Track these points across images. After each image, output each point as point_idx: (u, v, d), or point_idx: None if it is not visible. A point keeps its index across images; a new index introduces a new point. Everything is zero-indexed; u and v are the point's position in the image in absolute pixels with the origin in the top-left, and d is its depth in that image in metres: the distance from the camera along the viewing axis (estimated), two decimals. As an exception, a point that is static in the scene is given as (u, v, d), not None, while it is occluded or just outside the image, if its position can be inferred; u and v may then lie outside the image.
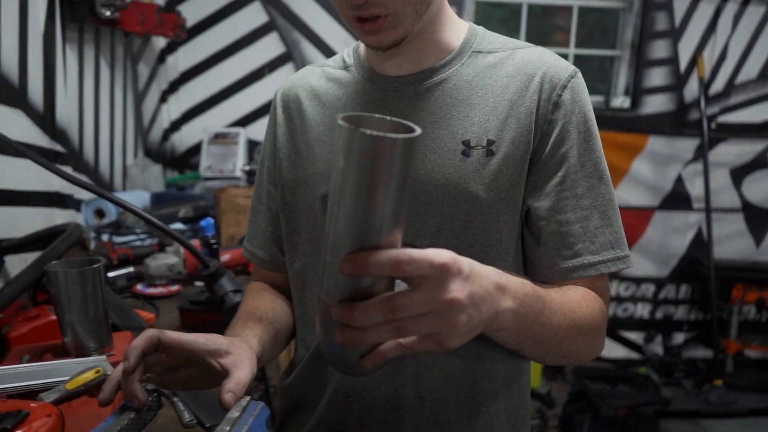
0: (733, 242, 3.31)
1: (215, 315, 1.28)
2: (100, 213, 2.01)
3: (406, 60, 0.85)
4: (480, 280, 0.57)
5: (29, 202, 1.68)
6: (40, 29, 1.71)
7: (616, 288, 3.35)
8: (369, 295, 0.51)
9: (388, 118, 0.54)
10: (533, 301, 0.67)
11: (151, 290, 1.50)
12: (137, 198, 2.15)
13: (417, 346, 0.55)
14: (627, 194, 3.21)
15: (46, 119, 1.76)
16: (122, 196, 2.10)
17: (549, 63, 0.82)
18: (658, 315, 3.40)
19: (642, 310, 3.40)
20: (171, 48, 2.84)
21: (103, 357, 1.01)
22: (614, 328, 3.43)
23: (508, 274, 0.64)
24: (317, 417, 0.92)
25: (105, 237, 1.83)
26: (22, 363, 1.01)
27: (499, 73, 0.83)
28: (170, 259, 1.52)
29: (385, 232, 0.50)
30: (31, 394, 0.90)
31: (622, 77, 3.20)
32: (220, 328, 1.30)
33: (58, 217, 1.84)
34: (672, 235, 3.29)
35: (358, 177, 0.47)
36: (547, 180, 0.80)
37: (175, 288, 1.53)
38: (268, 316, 0.92)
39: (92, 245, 1.82)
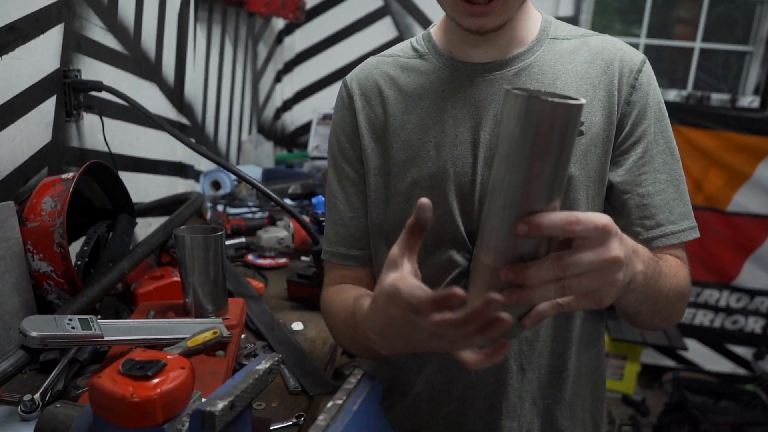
0: None
1: (320, 289, 1.34)
2: (216, 184, 2.14)
3: (491, 47, 0.88)
4: (628, 242, 0.61)
5: (156, 170, 1.81)
6: (176, 9, 1.83)
7: (726, 298, 3.16)
8: (536, 257, 0.55)
9: (543, 90, 0.57)
10: (654, 265, 0.72)
11: (261, 261, 1.59)
12: (250, 172, 2.26)
13: (574, 304, 0.58)
14: (747, 200, 3.01)
15: (175, 93, 1.88)
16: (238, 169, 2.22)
17: (623, 50, 0.89)
18: (772, 331, 3.18)
19: (754, 325, 3.18)
20: (289, 29, 2.94)
21: (219, 320, 1.08)
22: (721, 340, 3.23)
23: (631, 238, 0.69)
24: (418, 390, 0.95)
25: (220, 207, 1.94)
26: (149, 318, 1.10)
27: (577, 58, 0.88)
28: (280, 232, 1.60)
29: (554, 197, 0.53)
30: (156, 346, 0.98)
31: (753, 75, 2.98)
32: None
33: (179, 185, 1.98)
34: (795, 247, 3.05)
35: (535, 143, 0.50)
36: (628, 156, 0.86)
37: (283, 261, 1.60)
38: None
39: (209, 214, 1.94)
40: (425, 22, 2.89)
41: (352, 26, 2.95)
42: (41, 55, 1.25)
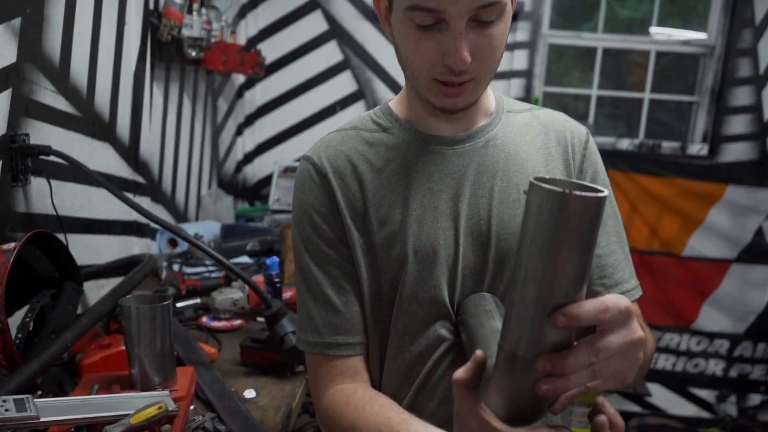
0: (818, 301, 3.10)
1: (274, 354, 1.32)
2: (173, 242, 2.10)
3: (458, 122, 0.90)
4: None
5: (110, 230, 1.78)
6: (131, 69, 1.83)
7: (687, 342, 3.20)
8: (568, 345, 0.56)
9: (562, 179, 0.59)
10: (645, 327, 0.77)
11: (216, 323, 1.56)
12: (209, 228, 2.24)
13: (601, 386, 0.58)
14: (702, 245, 3.08)
15: (131, 152, 1.87)
16: (195, 226, 2.20)
17: (570, 122, 0.96)
18: (732, 373, 3.22)
19: (715, 367, 3.22)
20: (249, 83, 2.97)
21: (166, 392, 1.05)
22: (684, 384, 3.26)
23: None
24: None
25: (176, 266, 1.91)
26: (92, 393, 1.06)
27: (532, 130, 0.93)
28: (235, 293, 1.58)
29: (584, 284, 0.55)
30: (97, 425, 0.95)
31: (701, 123, 3.09)
32: (278, 367, 1.34)
33: (134, 245, 1.95)
34: (750, 289, 3.12)
35: (570, 236, 0.52)
36: None
37: (238, 322, 1.58)
38: None
39: (164, 274, 1.91)
40: (384, 77, 2.95)
41: (313, 80, 2.99)
42: (-14, 122, 1.23)
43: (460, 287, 0.86)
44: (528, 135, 0.92)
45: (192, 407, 1.14)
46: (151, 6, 1.93)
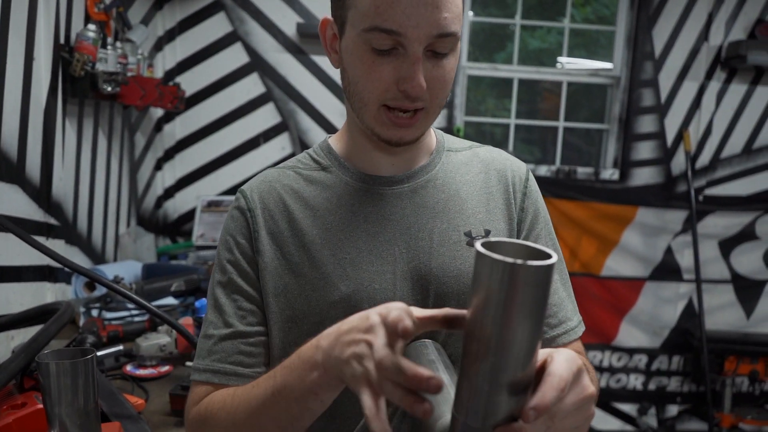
0: (724, 314, 3.31)
1: (206, 402, 1.26)
2: (90, 286, 1.99)
3: (398, 159, 0.90)
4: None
5: (20, 277, 1.66)
6: (41, 106, 1.74)
7: (609, 358, 3.33)
8: (521, 410, 0.55)
9: (507, 240, 0.57)
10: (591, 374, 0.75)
11: (141, 371, 1.48)
12: (129, 269, 2.14)
13: None
14: (617, 265, 3.23)
15: (42, 194, 1.76)
16: (114, 267, 2.09)
17: (510, 160, 0.96)
18: (651, 386, 3.36)
19: (635, 381, 3.36)
20: (168, 117, 2.88)
21: (91, 453, 0.98)
22: (608, 399, 3.38)
23: None
24: None
25: (95, 312, 1.80)
26: (6, 459, 0.98)
27: (472, 169, 0.93)
28: (162, 338, 1.50)
29: (537, 350, 0.54)
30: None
31: (611, 150, 3.27)
32: (211, 415, 1.27)
33: (48, 291, 1.83)
34: (663, 305, 3.29)
35: (524, 306, 0.51)
36: None
37: (165, 369, 1.50)
38: None
39: (82, 320, 1.80)
40: (308, 108, 2.94)
41: (235, 112, 2.94)
42: None
43: None
44: (468, 174, 0.92)
45: (119, 467, 1.07)
46: (62, 40, 1.84)
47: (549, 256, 0.52)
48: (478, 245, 0.52)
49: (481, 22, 3.26)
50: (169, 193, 2.96)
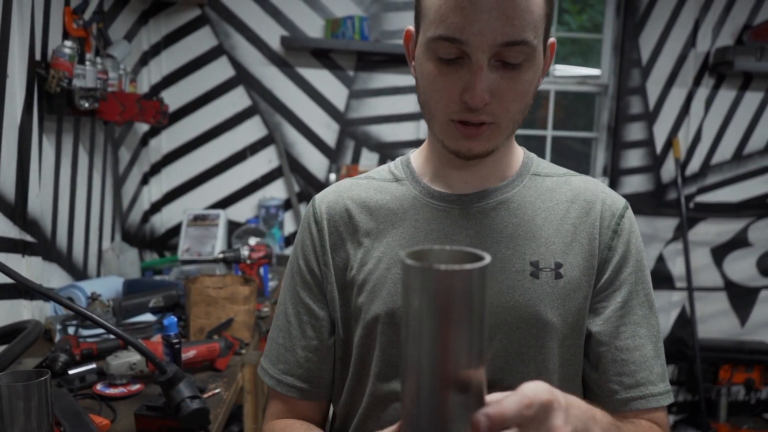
0: (717, 322, 3.28)
1: (172, 422, 1.24)
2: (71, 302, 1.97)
3: (471, 177, 0.86)
4: (577, 412, 0.58)
5: (-7, 295, 1.65)
6: (16, 123, 1.73)
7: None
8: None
9: (448, 247, 0.54)
10: (615, 429, 0.67)
11: (111, 390, 1.46)
12: (110, 285, 2.12)
13: None
14: (609, 273, 3.21)
15: (17, 211, 1.75)
16: (95, 283, 2.08)
17: (606, 193, 0.87)
18: (646, 397, 3.33)
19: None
20: (154, 131, 2.88)
21: (44, 478, 0.96)
22: (602, 410, 3.34)
23: (589, 404, 0.64)
24: None
25: (71, 330, 1.79)
26: (-43, 484, 0.96)
27: (558, 197, 0.85)
28: (132, 357, 1.49)
29: (474, 365, 0.50)
30: None
31: (600, 158, 3.25)
32: (177, 435, 1.26)
33: (24, 308, 1.82)
34: (656, 314, 3.26)
35: (438, 314, 0.47)
36: (607, 305, 0.81)
37: (136, 387, 1.48)
38: None
39: (57, 337, 1.78)
40: (294, 120, 2.94)
41: (222, 125, 2.94)
42: None
43: None
44: (551, 201, 0.85)
45: (76, 490, 1.06)
46: (38, 57, 1.84)
47: (478, 258, 0.49)
48: (401, 252, 0.50)
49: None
50: (156, 207, 2.96)
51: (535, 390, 0.51)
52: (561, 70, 3.30)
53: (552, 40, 0.82)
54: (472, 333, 0.49)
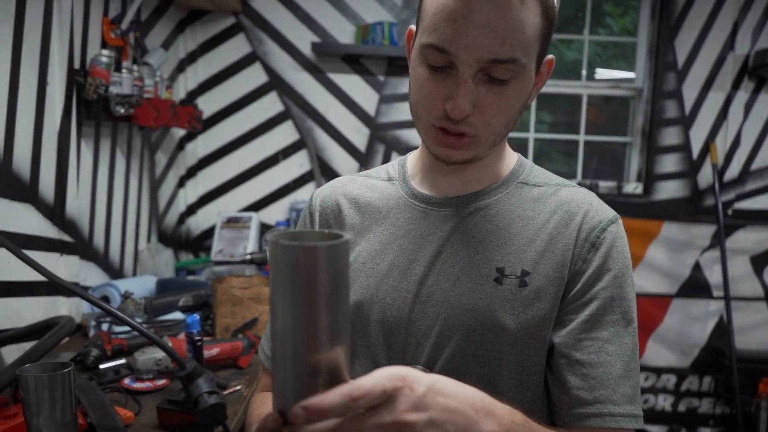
0: (757, 332, 3.18)
1: (191, 416, 1.29)
2: (105, 300, 2.06)
3: (456, 181, 0.88)
4: (445, 400, 0.55)
5: (32, 292, 1.73)
6: (55, 128, 1.82)
7: (635, 377, 3.23)
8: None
9: (327, 231, 0.55)
10: (523, 431, 0.65)
11: (138, 385, 1.52)
12: (144, 284, 2.20)
13: None
14: (643, 281, 3.15)
15: (55, 212, 1.84)
16: (129, 282, 2.16)
17: (592, 205, 0.84)
18: (681, 408, 3.25)
19: (664, 402, 3.26)
20: (190, 136, 2.97)
21: (66, 464, 1.02)
22: (635, 420, 3.28)
23: (496, 400, 0.63)
24: None
25: (105, 326, 1.86)
26: (-13, 468, 1.03)
27: (541, 207, 0.85)
28: (158, 353, 1.54)
29: (326, 342, 0.50)
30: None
31: (635, 163, 3.20)
32: (195, 429, 1.30)
33: (62, 305, 1.90)
34: (692, 323, 3.18)
35: (288, 288, 0.49)
36: (573, 318, 0.80)
37: (162, 382, 1.54)
38: None
39: (92, 333, 1.86)
40: (325, 125, 2.99)
41: (255, 130, 3.01)
42: None
43: (401, 352, 0.84)
44: (532, 211, 0.85)
45: (98, 477, 1.11)
46: (77, 65, 1.93)
47: (337, 238, 0.50)
48: (268, 234, 0.53)
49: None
50: (192, 209, 3.04)
51: (376, 379, 0.51)
52: (599, 73, 3.26)
53: (550, 57, 0.82)
54: (318, 309, 0.49)
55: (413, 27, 0.85)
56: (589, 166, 3.29)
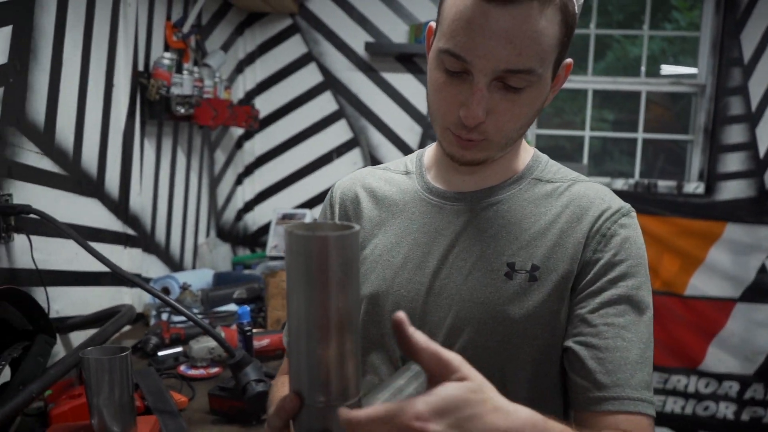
0: (829, 340, 3.02)
1: (239, 402, 1.35)
2: (166, 291, 2.16)
3: (470, 177, 0.89)
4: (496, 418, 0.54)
5: (99, 282, 1.84)
6: (120, 128, 1.92)
7: (695, 383, 3.13)
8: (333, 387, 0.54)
9: (340, 222, 0.57)
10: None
11: (192, 372, 1.59)
12: (201, 277, 2.30)
13: None
14: (704, 284, 3.04)
15: (120, 206, 1.95)
16: (188, 274, 2.26)
17: (604, 200, 0.85)
18: (745, 417, 3.12)
19: (725, 410, 3.14)
20: (248, 135, 3.07)
21: (122, 441, 1.09)
22: (694, 428, 3.17)
23: (548, 419, 0.60)
24: None
25: (165, 316, 1.96)
26: (52, 442, 1.11)
27: (554, 202, 0.86)
28: (211, 342, 1.61)
29: (337, 326, 0.53)
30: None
31: (696, 162, 3.09)
32: (244, 415, 1.36)
33: (125, 295, 2.01)
34: (757, 329, 3.05)
35: (301, 275, 0.52)
36: (586, 305, 0.81)
37: (215, 370, 1.61)
38: None
39: (152, 322, 1.96)
40: (379, 124, 3.03)
41: (310, 129, 3.08)
42: (-32, 184, 1.31)
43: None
44: (543, 206, 0.86)
45: (152, 456, 1.18)
46: (141, 68, 2.03)
47: (348, 229, 0.52)
48: (286, 226, 0.54)
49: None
50: (249, 206, 3.14)
51: (402, 408, 0.50)
52: (664, 70, 3.17)
53: (569, 61, 0.82)
54: (329, 295, 0.51)
55: (433, 24, 0.85)
56: (654, 165, 3.20)
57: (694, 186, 3.05)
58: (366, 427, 0.49)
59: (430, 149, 0.98)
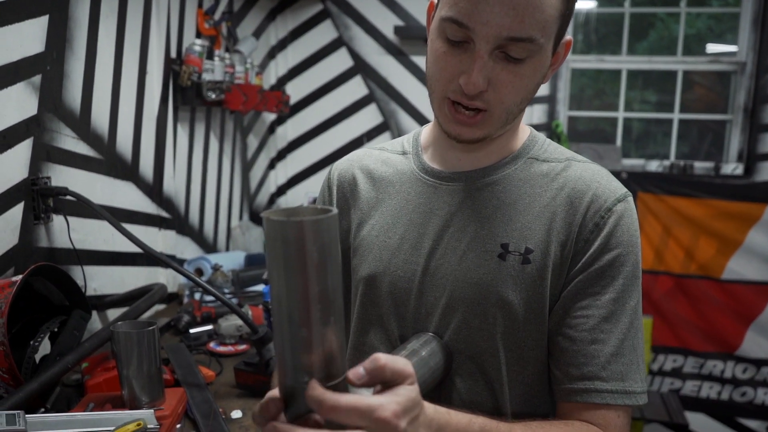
0: None
1: (263, 377, 1.40)
2: (199, 272, 2.24)
3: (466, 156, 0.88)
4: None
5: (134, 262, 1.92)
6: (154, 113, 1.99)
7: (732, 369, 3.07)
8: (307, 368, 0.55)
9: (320, 207, 0.58)
10: None
11: (222, 348, 1.66)
12: (233, 258, 2.37)
13: None
14: (742, 268, 2.97)
15: (154, 189, 2.02)
16: (220, 256, 2.33)
17: (600, 183, 0.83)
18: (784, 403, 3.05)
19: (764, 396, 3.07)
20: (281, 120, 3.12)
21: (150, 411, 1.14)
22: (731, 414, 3.12)
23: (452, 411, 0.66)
24: None
25: (197, 295, 2.03)
26: (87, 410, 1.17)
27: (550, 183, 0.85)
28: (239, 320, 1.67)
29: (318, 310, 0.53)
30: (82, 439, 1.05)
31: (735, 143, 3.01)
32: (267, 389, 1.41)
33: (160, 275, 2.09)
34: (798, 314, 2.97)
35: (280, 260, 0.52)
36: (569, 294, 0.81)
37: (242, 347, 1.67)
38: None
39: (185, 301, 2.04)
40: (408, 108, 3.04)
41: (340, 114, 3.11)
42: (8, 167, 1.39)
43: (411, 323, 0.87)
44: (538, 187, 0.85)
45: (179, 426, 1.24)
46: (174, 55, 2.09)
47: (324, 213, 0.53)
48: (263, 212, 0.55)
49: (610, 13, 3.14)
50: (282, 190, 3.20)
51: (373, 404, 0.54)
52: (710, 48, 3.08)
53: (569, 38, 0.81)
54: (308, 279, 0.52)
55: (434, 0, 0.84)
56: (699, 147, 3.12)
57: (732, 167, 2.97)
58: (344, 412, 0.53)
59: (427, 129, 0.98)
